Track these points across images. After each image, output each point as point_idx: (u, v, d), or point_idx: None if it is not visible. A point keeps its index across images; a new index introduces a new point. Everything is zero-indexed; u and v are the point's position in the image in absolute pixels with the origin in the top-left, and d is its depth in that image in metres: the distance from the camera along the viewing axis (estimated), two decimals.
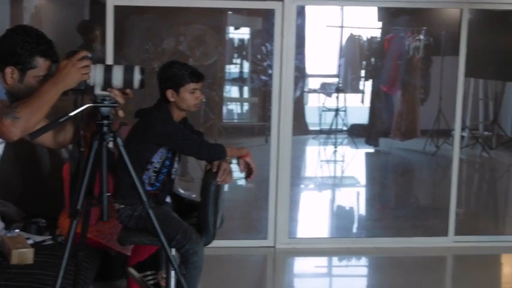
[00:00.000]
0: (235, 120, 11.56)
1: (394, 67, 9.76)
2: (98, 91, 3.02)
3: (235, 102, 11.58)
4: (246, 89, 11.46)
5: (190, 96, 3.92)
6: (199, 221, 3.87)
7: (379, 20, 10.25)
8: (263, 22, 9.61)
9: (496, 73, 8.82)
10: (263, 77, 9.67)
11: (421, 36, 9.81)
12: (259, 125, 9.84)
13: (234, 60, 11.06)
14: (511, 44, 7.65)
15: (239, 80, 11.20)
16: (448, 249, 6.03)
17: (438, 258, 5.93)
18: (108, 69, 3.01)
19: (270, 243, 5.87)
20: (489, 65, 8.63)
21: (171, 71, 3.93)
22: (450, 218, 6.08)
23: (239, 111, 11.66)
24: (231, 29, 10.51)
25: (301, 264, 5.86)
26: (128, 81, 3.03)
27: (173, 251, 3.72)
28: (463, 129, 9.84)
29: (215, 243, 3.96)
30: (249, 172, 3.97)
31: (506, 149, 10.09)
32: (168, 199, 4.02)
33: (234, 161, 3.99)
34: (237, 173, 4.04)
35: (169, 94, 3.91)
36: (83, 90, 2.99)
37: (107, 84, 3.02)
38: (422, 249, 6.01)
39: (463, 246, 6.06)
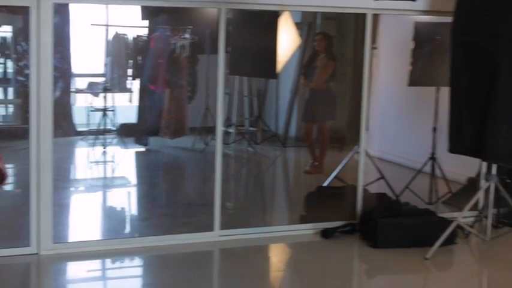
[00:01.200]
0: None
1: (160, 65, 9.82)
2: None
3: None
4: (10, 90, 11.00)
5: None
6: None
7: (144, 18, 10.24)
8: (24, 20, 9.25)
9: (258, 71, 9.15)
10: (20, 78, 9.31)
11: (187, 35, 9.96)
12: (23, 127, 9.44)
13: None
14: (270, 43, 7.95)
15: (2, 81, 10.73)
16: (214, 243, 6.15)
17: (205, 253, 6.03)
18: None
19: (33, 250, 5.64)
20: (251, 63, 8.92)
21: None
22: (215, 213, 6.21)
23: (3, 113, 11.16)
24: None
25: (69, 270, 5.68)
26: None
27: None
28: (229, 125, 10.16)
29: None
30: (1, 178, 3.77)
31: (271, 143, 10.56)
32: None
33: None
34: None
35: None
36: None
37: None
38: (190, 245, 6.08)
39: (230, 240, 6.22)
